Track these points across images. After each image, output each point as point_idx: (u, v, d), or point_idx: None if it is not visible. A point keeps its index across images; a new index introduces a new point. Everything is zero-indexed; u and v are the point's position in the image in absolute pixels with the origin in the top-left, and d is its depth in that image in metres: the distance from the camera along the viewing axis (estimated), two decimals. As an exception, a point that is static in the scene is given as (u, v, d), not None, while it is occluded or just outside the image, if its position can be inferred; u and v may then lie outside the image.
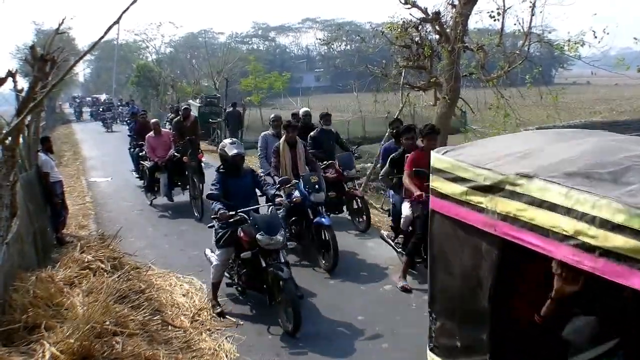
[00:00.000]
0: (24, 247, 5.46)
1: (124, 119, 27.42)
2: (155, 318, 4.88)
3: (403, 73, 11.79)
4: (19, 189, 5.20)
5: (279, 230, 5.01)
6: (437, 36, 10.64)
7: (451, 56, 10.02)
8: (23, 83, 6.65)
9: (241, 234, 5.12)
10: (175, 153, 9.76)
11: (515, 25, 10.27)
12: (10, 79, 4.85)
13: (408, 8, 10.41)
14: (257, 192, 5.74)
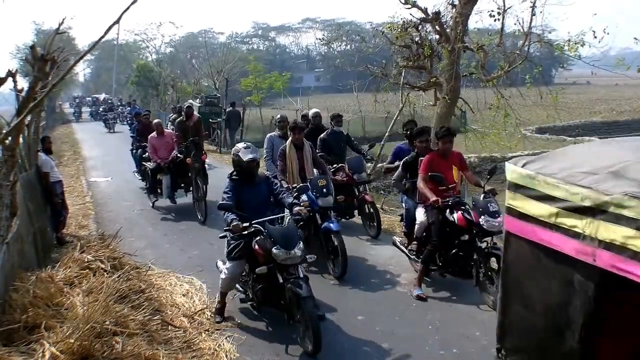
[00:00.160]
0: (24, 247, 5.46)
1: (125, 119, 27.46)
2: (155, 318, 4.88)
3: (403, 73, 11.78)
4: (19, 188, 5.19)
5: (296, 243, 4.61)
6: (437, 36, 10.63)
7: (451, 56, 10.02)
8: (23, 83, 6.65)
9: (256, 247, 4.75)
10: (178, 154, 9.64)
11: (515, 25, 10.26)
12: (10, 79, 4.83)
13: (408, 8, 10.41)
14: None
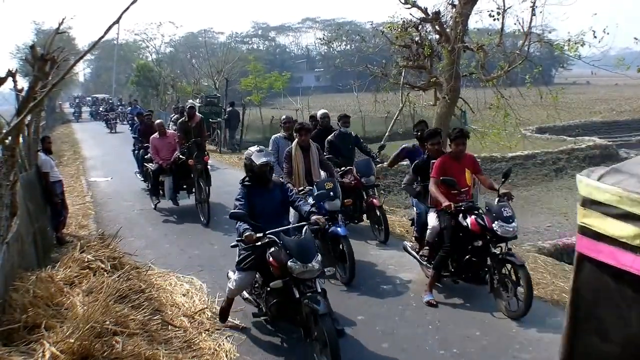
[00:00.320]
0: (24, 247, 5.46)
1: (125, 118, 27.44)
2: (155, 318, 4.87)
3: (403, 73, 11.81)
4: (19, 188, 5.20)
5: (314, 256, 4.31)
6: (437, 36, 10.65)
7: (451, 56, 10.04)
8: (23, 83, 6.67)
9: (270, 259, 4.43)
10: (180, 155, 9.46)
11: (515, 25, 10.30)
12: (10, 79, 4.84)
13: (408, 8, 10.43)
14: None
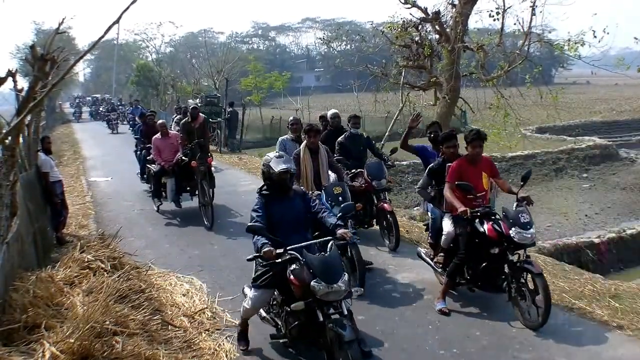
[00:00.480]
0: (24, 247, 5.46)
1: (125, 118, 27.44)
2: (155, 318, 4.87)
3: (403, 73, 11.81)
4: (19, 188, 5.20)
5: (340, 275, 3.83)
6: (437, 36, 10.67)
7: (451, 56, 10.05)
8: (23, 83, 6.66)
9: (291, 278, 3.96)
10: (183, 157, 9.25)
11: (515, 25, 10.32)
12: (10, 79, 4.84)
13: (408, 8, 10.45)
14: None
